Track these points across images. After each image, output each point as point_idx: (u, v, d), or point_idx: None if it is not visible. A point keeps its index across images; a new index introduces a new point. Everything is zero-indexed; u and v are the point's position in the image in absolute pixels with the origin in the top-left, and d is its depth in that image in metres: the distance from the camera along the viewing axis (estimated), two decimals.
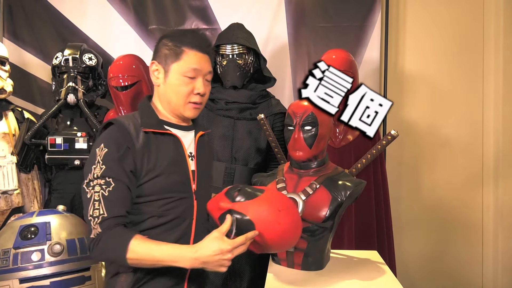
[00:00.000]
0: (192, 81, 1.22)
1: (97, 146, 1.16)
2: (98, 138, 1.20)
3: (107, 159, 1.13)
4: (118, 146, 1.15)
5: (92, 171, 1.13)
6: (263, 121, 1.90)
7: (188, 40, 1.22)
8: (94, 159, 1.15)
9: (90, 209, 1.11)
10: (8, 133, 2.13)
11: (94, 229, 1.09)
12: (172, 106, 1.25)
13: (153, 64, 1.25)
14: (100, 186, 1.11)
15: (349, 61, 2.06)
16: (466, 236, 2.53)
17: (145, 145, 1.19)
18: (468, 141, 2.53)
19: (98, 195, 1.11)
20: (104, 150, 1.14)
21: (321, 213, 1.41)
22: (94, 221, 1.09)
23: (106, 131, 1.20)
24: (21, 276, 1.52)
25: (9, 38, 2.59)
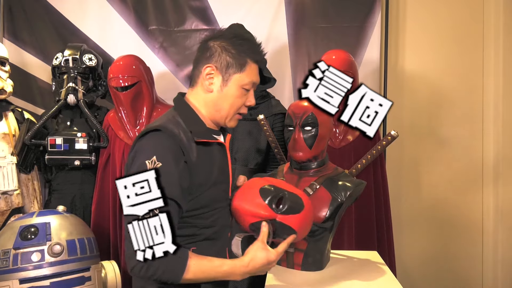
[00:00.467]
0: (246, 93, 1.19)
1: (146, 157, 1.04)
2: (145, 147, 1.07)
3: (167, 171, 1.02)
4: (174, 161, 1.05)
5: None
6: (263, 121, 1.91)
7: (251, 51, 1.18)
8: None
9: None
10: (8, 134, 2.13)
11: None
12: (220, 115, 1.18)
13: (209, 68, 1.16)
14: None
15: (349, 62, 2.06)
16: (466, 236, 2.53)
17: (199, 157, 1.11)
18: (468, 141, 2.53)
19: None
20: (157, 164, 1.03)
21: (321, 213, 1.41)
22: None
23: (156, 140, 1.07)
24: (21, 277, 1.52)
25: (9, 39, 2.59)
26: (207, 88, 1.17)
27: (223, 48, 1.16)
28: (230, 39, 1.18)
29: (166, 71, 2.55)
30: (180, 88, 2.53)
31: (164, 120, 1.14)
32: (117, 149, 2.20)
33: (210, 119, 1.19)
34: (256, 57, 1.19)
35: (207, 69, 1.16)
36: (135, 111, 2.19)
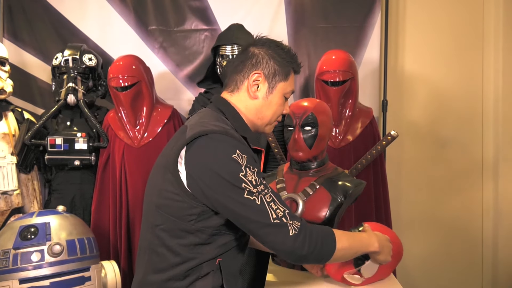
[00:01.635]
0: (285, 102, 1.21)
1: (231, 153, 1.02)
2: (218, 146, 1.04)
3: (252, 162, 1.05)
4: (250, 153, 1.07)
5: (245, 180, 1.01)
6: None
7: (293, 61, 1.20)
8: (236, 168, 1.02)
9: (270, 213, 1.01)
10: (8, 134, 2.13)
11: (291, 224, 1.01)
12: (262, 122, 1.19)
13: (257, 75, 1.15)
14: (263, 191, 1.03)
15: (349, 62, 2.06)
16: (466, 236, 2.53)
17: None
18: (468, 141, 2.53)
19: (269, 196, 1.03)
20: (244, 156, 1.03)
21: (321, 213, 1.42)
22: (286, 219, 1.01)
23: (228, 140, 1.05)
24: (21, 277, 1.52)
25: (9, 39, 2.59)
26: (253, 95, 1.16)
27: (270, 56, 1.17)
28: (275, 48, 1.19)
29: (166, 71, 2.55)
30: (179, 88, 2.53)
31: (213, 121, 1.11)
32: (117, 149, 2.20)
33: (250, 124, 1.19)
34: (297, 67, 1.22)
35: (255, 75, 1.16)
36: (135, 111, 2.19)
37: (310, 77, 2.46)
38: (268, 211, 1.01)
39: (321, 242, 1.04)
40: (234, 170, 1.02)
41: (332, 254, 1.05)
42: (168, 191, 1.07)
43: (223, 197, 1.02)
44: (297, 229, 1.01)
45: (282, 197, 1.46)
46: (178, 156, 1.06)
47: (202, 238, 1.06)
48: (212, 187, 1.03)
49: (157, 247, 1.09)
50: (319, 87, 2.09)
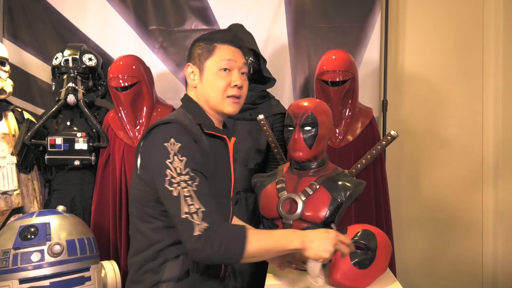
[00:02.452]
0: (228, 74, 1.21)
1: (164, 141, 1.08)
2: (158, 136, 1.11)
3: (185, 152, 1.07)
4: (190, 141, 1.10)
5: (170, 167, 1.06)
6: (263, 121, 1.91)
7: (219, 36, 1.23)
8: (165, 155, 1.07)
9: (183, 207, 1.03)
10: (8, 134, 2.13)
11: (198, 225, 1.01)
12: (211, 103, 1.22)
13: (188, 67, 1.25)
14: (185, 182, 1.05)
15: (349, 62, 2.06)
16: (466, 236, 2.53)
17: (210, 148, 1.16)
18: (468, 141, 2.53)
19: (188, 190, 1.04)
20: (176, 144, 1.07)
21: (321, 213, 1.42)
22: (194, 218, 1.02)
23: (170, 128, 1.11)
24: (21, 277, 1.52)
25: (9, 39, 2.59)
26: (192, 85, 1.24)
27: (195, 46, 1.25)
28: (202, 36, 1.26)
29: (166, 71, 2.55)
30: (179, 88, 2.53)
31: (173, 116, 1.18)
32: (117, 149, 2.20)
33: (211, 113, 1.24)
34: (224, 38, 1.23)
35: (188, 68, 1.25)
36: (135, 111, 2.19)
37: (310, 77, 2.46)
38: (180, 205, 1.04)
39: (227, 245, 1.02)
40: (162, 157, 1.07)
41: (240, 255, 1.04)
42: (134, 181, 1.19)
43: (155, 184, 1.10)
44: (202, 230, 1.02)
45: (282, 197, 1.46)
46: (138, 148, 1.18)
47: (166, 222, 1.13)
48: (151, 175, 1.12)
49: (133, 232, 1.20)
50: (319, 87, 2.09)
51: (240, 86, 1.22)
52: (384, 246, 1.36)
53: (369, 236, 1.34)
